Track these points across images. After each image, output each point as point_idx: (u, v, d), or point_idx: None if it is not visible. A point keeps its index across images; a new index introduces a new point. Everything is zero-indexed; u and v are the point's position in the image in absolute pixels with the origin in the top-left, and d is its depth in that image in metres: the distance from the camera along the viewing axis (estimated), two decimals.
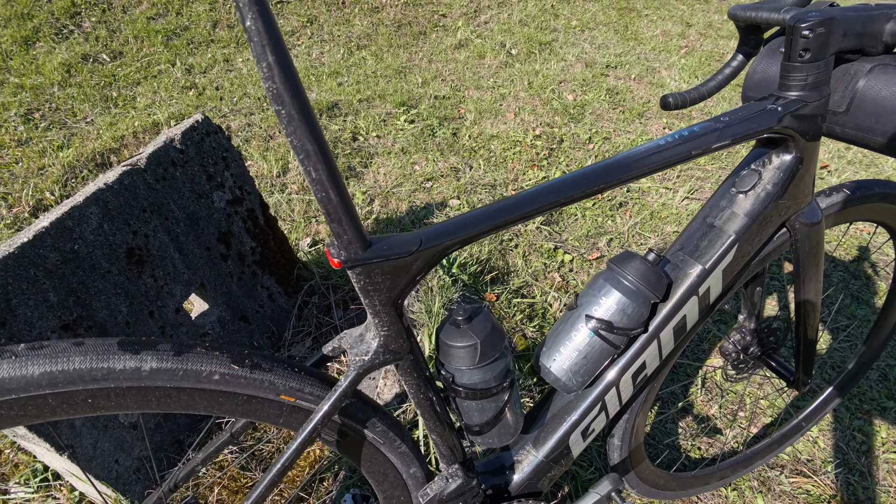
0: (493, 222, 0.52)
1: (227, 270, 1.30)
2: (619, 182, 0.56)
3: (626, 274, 0.64)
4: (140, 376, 0.46)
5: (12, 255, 0.87)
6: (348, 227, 0.46)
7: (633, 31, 4.63)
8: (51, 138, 2.38)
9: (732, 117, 0.61)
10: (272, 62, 0.37)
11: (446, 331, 0.59)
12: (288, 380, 0.51)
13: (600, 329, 0.63)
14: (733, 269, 0.70)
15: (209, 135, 1.29)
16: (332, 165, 0.43)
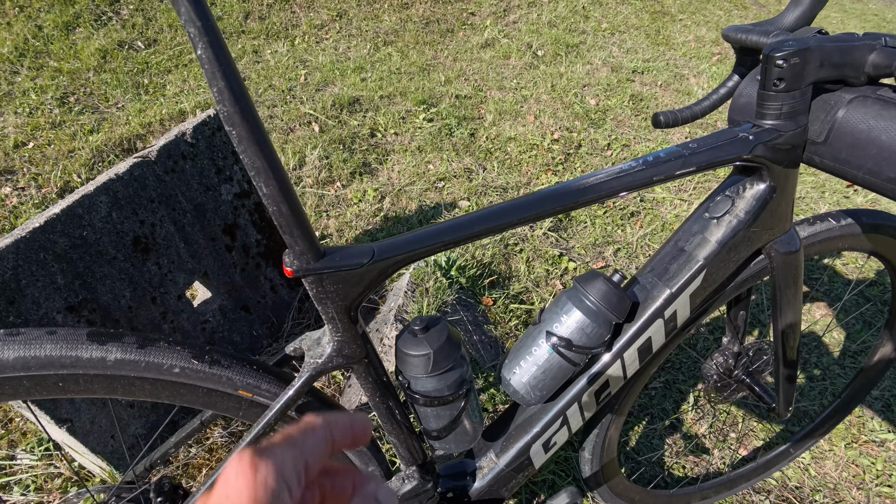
0: (446, 239, 0.54)
1: (230, 261, 1.35)
2: (576, 206, 0.57)
3: (589, 294, 0.65)
4: (105, 365, 0.49)
5: (24, 239, 0.93)
6: (300, 239, 0.48)
7: (664, 36, 4.55)
8: (83, 122, 2.48)
9: (701, 144, 0.62)
10: (223, 87, 0.40)
11: (403, 339, 0.61)
12: (246, 376, 0.55)
13: (560, 346, 0.65)
14: (702, 293, 0.70)
15: (220, 129, 1.33)
16: (283, 180, 0.46)
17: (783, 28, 0.75)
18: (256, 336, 1.40)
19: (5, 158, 2.14)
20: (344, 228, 1.96)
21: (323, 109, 2.77)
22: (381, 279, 0.53)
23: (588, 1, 4.86)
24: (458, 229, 0.54)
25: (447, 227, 0.55)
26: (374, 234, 1.93)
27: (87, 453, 1.03)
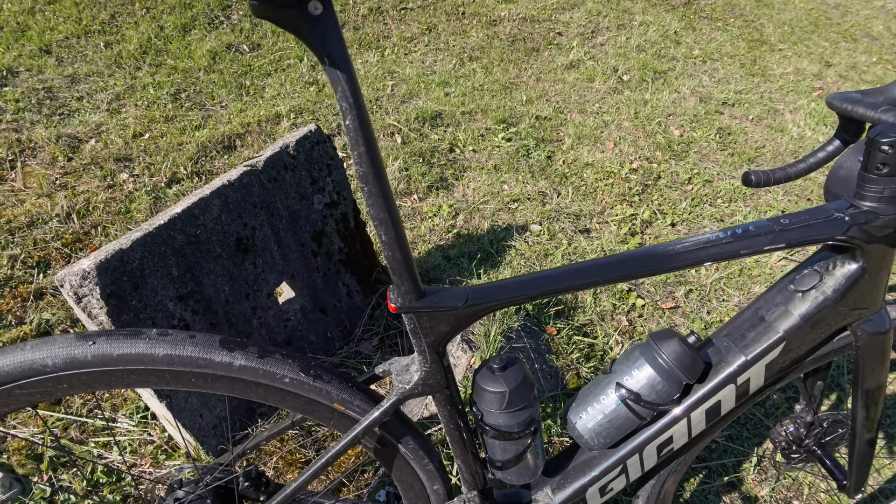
0: (532, 291, 0.58)
1: (315, 265, 1.45)
2: (660, 272, 0.60)
3: (662, 352, 0.67)
4: (231, 369, 0.58)
5: (150, 234, 1.06)
6: (406, 280, 0.55)
7: (760, 67, 4.36)
8: (191, 118, 2.73)
9: (793, 220, 0.63)
10: (363, 152, 0.47)
11: (482, 374, 0.66)
12: (342, 391, 0.61)
13: (628, 399, 0.67)
14: (778, 364, 0.70)
15: (319, 143, 1.44)
16: (399, 231, 0.52)
17: (885, 99, 0.74)
18: (330, 337, 1.50)
19: (125, 147, 2.40)
20: (417, 241, 2.04)
21: (406, 122, 2.89)
22: (471, 321, 0.59)
23: (681, 26, 4.74)
24: (544, 283, 0.59)
25: (535, 279, 0.59)
26: (445, 249, 2.00)
27: (179, 428, 1.15)
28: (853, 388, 0.79)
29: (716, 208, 2.55)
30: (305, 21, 0.43)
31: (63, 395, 0.58)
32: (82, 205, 1.97)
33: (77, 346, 0.55)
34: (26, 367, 0.55)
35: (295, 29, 0.44)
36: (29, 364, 0.55)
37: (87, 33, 3.30)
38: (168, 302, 1.10)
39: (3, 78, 2.77)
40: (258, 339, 1.30)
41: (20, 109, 2.53)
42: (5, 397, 0.57)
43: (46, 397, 0.58)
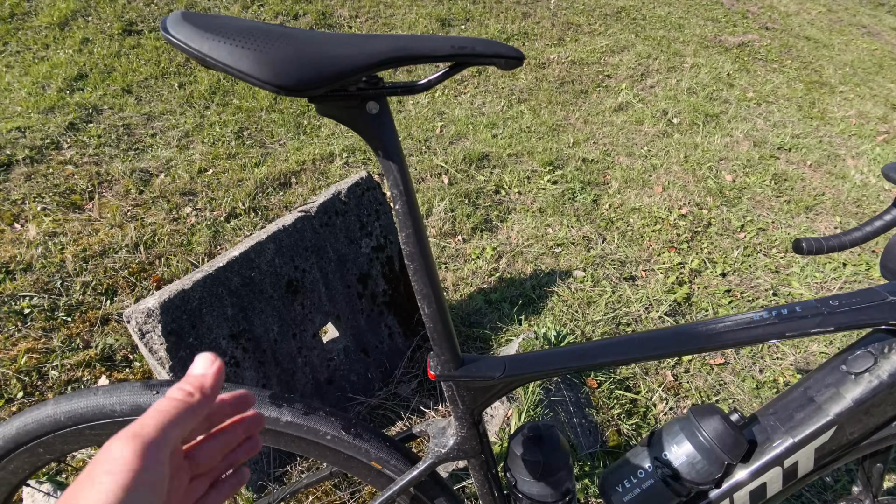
0: (570, 364, 0.59)
1: (359, 307, 1.50)
2: (699, 351, 0.60)
3: (703, 429, 0.66)
4: (279, 424, 0.61)
5: (210, 276, 1.14)
6: (446, 350, 0.57)
7: (819, 110, 4.23)
8: (251, 155, 2.89)
9: (843, 302, 0.61)
10: (410, 233, 0.50)
11: (517, 441, 0.67)
12: (380, 451, 0.64)
13: (667, 475, 0.66)
14: (829, 449, 0.67)
15: (369, 190, 1.51)
16: (441, 304, 0.54)
17: None
18: (370, 378, 1.53)
19: (190, 181, 2.56)
20: (459, 283, 2.06)
21: (454, 163, 2.96)
22: (507, 390, 0.60)
23: (734, 68, 4.68)
24: (581, 356, 0.59)
25: (573, 352, 0.60)
26: (487, 293, 2.02)
27: None
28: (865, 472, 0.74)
29: (770, 259, 2.46)
30: (364, 119, 0.47)
31: None
32: (149, 236, 2.11)
33: (143, 394, 0.60)
34: (97, 410, 0.60)
35: (354, 126, 0.48)
36: (100, 408, 0.60)
37: (163, 75, 3.58)
38: (221, 340, 1.16)
39: (89, 115, 3.04)
40: (301, 377, 1.34)
41: (101, 144, 2.77)
42: (76, 436, 0.62)
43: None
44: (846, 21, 5.92)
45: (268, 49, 0.41)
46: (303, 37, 0.43)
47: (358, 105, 0.47)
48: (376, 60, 0.44)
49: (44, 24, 3.69)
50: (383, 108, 0.48)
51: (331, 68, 0.42)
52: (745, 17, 5.56)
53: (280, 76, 0.41)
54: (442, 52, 0.46)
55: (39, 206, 2.20)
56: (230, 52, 0.40)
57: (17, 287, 1.73)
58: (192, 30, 0.40)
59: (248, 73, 0.41)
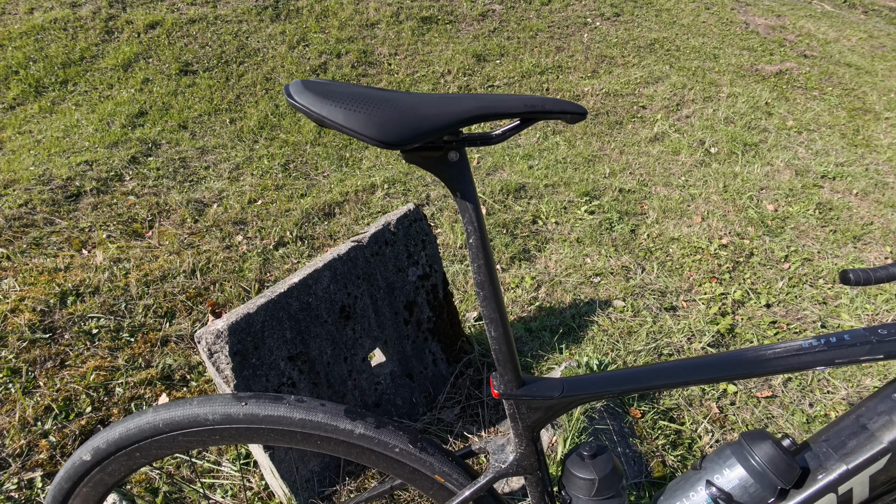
0: (625, 387, 0.63)
1: (405, 333, 1.55)
2: (750, 376, 0.62)
3: (755, 453, 0.68)
4: (352, 436, 0.66)
5: (272, 301, 1.21)
6: (510, 370, 0.61)
7: (864, 137, 4.15)
8: (297, 186, 3.03)
9: (892, 331, 0.63)
10: (482, 264, 0.56)
11: (572, 460, 0.70)
12: (443, 464, 0.68)
13: (720, 498, 0.68)
14: (885, 476, 0.68)
15: (416, 221, 1.58)
16: (507, 329, 0.59)
17: None
18: (415, 403, 1.57)
19: (241, 211, 2.70)
20: None
21: (491, 193, 3.03)
22: (565, 409, 0.64)
23: (772, 96, 4.65)
24: (635, 379, 0.63)
25: (627, 375, 0.63)
26: (527, 321, 2.04)
27: (277, 478, 1.25)
28: None
29: (817, 290, 2.41)
30: (445, 166, 0.54)
31: (215, 444, 0.69)
32: (204, 263, 2.24)
33: (233, 405, 0.66)
34: (192, 418, 0.66)
35: (436, 172, 0.56)
36: (194, 417, 0.66)
37: (216, 111, 3.81)
38: (280, 361, 1.23)
39: (148, 149, 3.26)
40: (351, 399, 1.39)
41: (160, 176, 2.96)
42: (170, 442, 0.68)
43: (201, 445, 0.69)
44: (889, 47, 5.83)
45: (375, 112, 0.49)
46: (402, 100, 0.51)
47: (441, 155, 0.54)
48: (462, 118, 0.51)
49: (109, 66, 4.00)
50: (462, 156, 0.55)
51: (426, 127, 0.50)
52: (781, 46, 5.54)
53: (386, 135, 0.49)
54: (516, 109, 0.53)
55: (105, 234, 2.37)
56: (345, 116, 0.48)
57: (86, 309, 1.86)
58: (312, 97, 0.49)
59: (360, 132, 0.48)
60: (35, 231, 2.31)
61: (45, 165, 2.84)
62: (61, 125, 3.40)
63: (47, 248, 2.22)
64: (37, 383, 1.59)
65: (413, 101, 0.51)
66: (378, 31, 5.05)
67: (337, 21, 4.99)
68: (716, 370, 0.62)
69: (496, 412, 1.59)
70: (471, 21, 5.46)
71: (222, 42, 4.50)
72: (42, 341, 1.72)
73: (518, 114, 0.53)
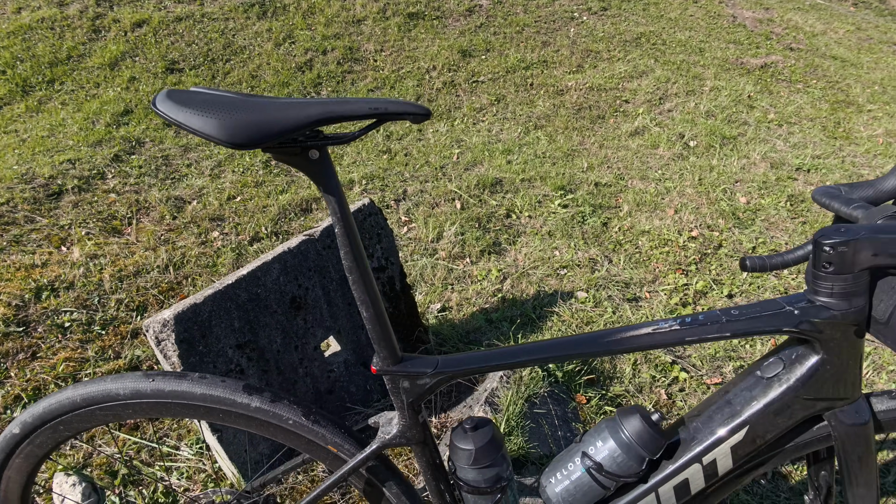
0: (496, 362, 0.68)
1: (360, 323, 1.61)
2: (608, 353, 0.68)
3: (624, 427, 0.73)
4: (249, 409, 0.72)
5: (219, 292, 1.27)
6: (384, 348, 0.67)
7: (845, 129, 4.17)
8: (277, 183, 3.09)
9: (743, 312, 0.68)
10: (348, 251, 0.62)
11: (455, 432, 0.76)
12: (335, 436, 0.74)
13: (591, 468, 0.73)
14: (745, 448, 0.73)
15: (371, 215, 1.64)
16: (378, 309, 0.65)
17: (877, 194, 0.78)
18: (369, 390, 1.63)
19: (220, 208, 2.76)
20: (463, 304, 2.16)
21: (467, 188, 3.08)
22: (441, 384, 0.69)
23: (756, 89, 4.67)
24: (508, 356, 0.68)
25: (500, 353, 0.69)
26: (489, 312, 2.10)
27: (226, 459, 1.31)
28: (841, 479, 0.78)
29: (780, 280, 2.46)
30: (307, 163, 0.60)
31: (128, 418, 0.75)
32: (179, 258, 2.30)
33: (142, 381, 0.72)
34: (105, 394, 0.72)
35: (301, 169, 0.62)
36: (107, 392, 0.72)
37: None
38: (228, 349, 1.29)
39: (132, 147, 3.32)
40: (303, 386, 1.45)
41: (142, 174, 3.02)
42: (89, 416, 0.74)
43: (116, 419, 0.75)
44: (876, 39, 5.83)
45: (227, 117, 0.55)
46: (254, 105, 0.56)
47: (301, 153, 0.60)
48: (308, 122, 0.56)
49: (96, 65, 4.06)
50: (323, 154, 0.61)
51: (273, 130, 0.55)
52: (768, 39, 5.55)
53: (234, 137, 0.55)
54: (361, 112, 0.58)
55: (84, 231, 2.43)
56: (200, 121, 0.54)
57: (59, 303, 1.93)
58: (172, 104, 0.55)
59: (211, 135, 0.54)
60: (16, 229, 2.37)
61: (29, 164, 2.91)
62: (47, 124, 3.46)
63: (27, 246, 2.28)
64: (8, 374, 1.66)
65: (264, 106, 0.57)
66: (364, 27, 5.08)
67: (323, 18, 5.03)
68: (575, 348, 0.68)
69: (448, 398, 1.65)
70: (458, 16, 5.48)
71: (209, 40, 4.55)
72: (15, 334, 1.78)
73: (363, 116, 0.59)
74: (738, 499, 1.48)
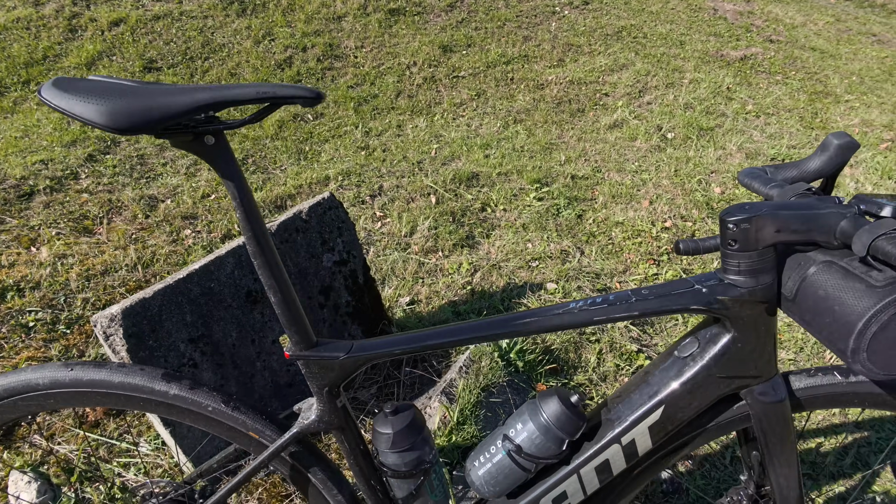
0: (407, 346, 0.69)
1: (321, 317, 1.61)
2: (517, 335, 0.68)
3: (543, 410, 0.74)
4: (167, 397, 0.72)
5: (170, 286, 1.27)
6: (296, 333, 0.67)
7: (822, 120, 4.20)
8: (252, 180, 3.08)
9: (653, 291, 0.69)
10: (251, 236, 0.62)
11: (377, 417, 0.76)
12: (256, 422, 0.74)
13: (512, 451, 0.74)
14: (663, 428, 0.74)
15: (331, 209, 1.64)
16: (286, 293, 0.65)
17: (801, 174, 0.79)
18: None
19: (193, 206, 2.75)
20: (433, 297, 2.16)
21: (443, 183, 3.08)
22: (356, 368, 0.70)
23: (735, 81, 4.69)
24: (417, 340, 0.69)
25: (410, 337, 0.69)
26: (457, 305, 2.10)
27: (180, 453, 1.31)
28: (761, 456, 0.79)
29: None
30: (204, 149, 0.60)
31: (51, 408, 0.75)
32: (149, 257, 2.29)
33: (61, 371, 0.72)
34: (25, 384, 0.73)
35: (198, 154, 0.62)
36: (27, 382, 0.72)
37: None
38: (180, 343, 1.29)
39: (107, 147, 3.30)
40: (260, 379, 1.45)
41: (116, 174, 3.00)
42: (13, 407, 0.75)
43: (40, 409, 0.75)
44: (855, 30, 5.86)
45: (110, 103, 0.55)
46: (141, 91, 0.56)
47: (196, 139, 0.60)
48: (194, 107, 0.56)
49: (73, 65, 4.02)
50: (220, 140, 0.61)
51: (155, 115, 0.55)
52: (748, 31, 5.57)
53: (117, 122, 0.55)
54: (249, 97, 0.58)
55: (54, 231, 2.42)
56: (82, 108, 0.54)
57: (24, 303, 1.92)
58: (56, 92, 0.55)
59: (92, 120, 0.54)
60: None
61: (0, 166, 2.88)
62: (21, 125, 3.43)
63: None
64: None
65: (151, 92, 0.57)
66: (345, 23, 5.06)
67: (303, 15, 5.00)
68: (488, 329, 0.68)
69: (412, 390, 1.66)
70: (439, 12, 5.47)
71: (187, 38, 4.53)
72: None
73: (252, 100, 0.59)
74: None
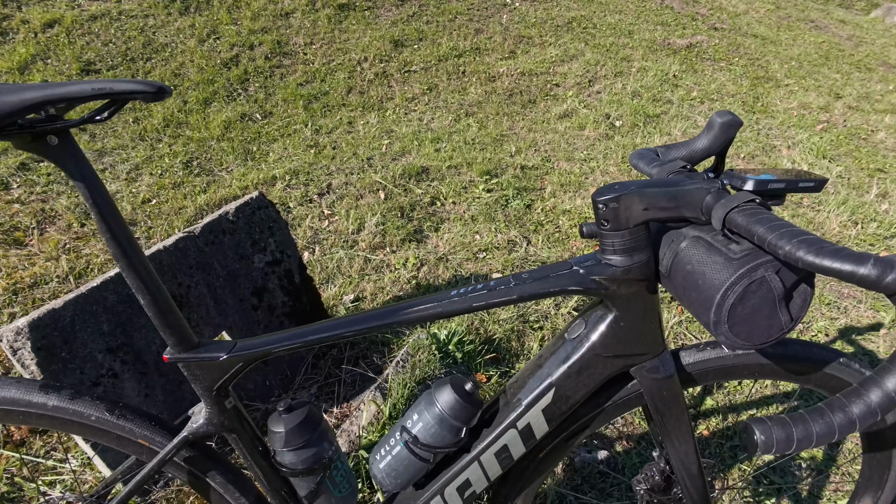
0: (291, 342, 0.68)
1: (255, 318, 1.59)
2: (399, 325, 0.68)
3: (438, 400, 0.74)
4: (47, 409, 0.70)
5: (83, 294, 1.23)
6: (172, 335, 0.66)
7: (763, 104, 4.33)
8: (196, 183, 3.01)
9: (532, 275, 0.70)
10: (110, 237, 0.60)
11: (271, 416, 0.75)
12: (144, 429, 0.72)
13: (409, 442, 0.74)
14: (556, 410, 0.75)
15: (260, 209, 1.60)
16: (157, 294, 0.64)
17: (691, 153, 0.80)
18: (269, 385, 1.61)
19: (132, 212, 2.67)
20: (378, 293, 2.15)
21: (392, 178, 3.06)
22: (241, 369, 0.69)
23: (681, 69, 4.80)
24: (302, 335, 0.68)
25: (295, 333, 0.69)
26: (402, 300, 2.10)
27: (105, 467, 1.27)
28: (658, 431, 0.81)
29: None
30: (48, 150, 0.58)
31: None
32: (82, 266, 2.21)
33: None
34: None
35: (44, 155, 0.59)
36: None
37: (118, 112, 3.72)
38: (98, 354, 1.25)
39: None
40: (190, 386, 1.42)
41: (50, 182, 2.88)
42: None
43: None
44: (794, 17, 6.06)
45: None
46: None
47: (36, 139, 0.57)
48: (22, 107, 0.54)
49: (4, 70, 3.84)
50: (64, 139, 0.59)
51: None
52: (694, 20, 5.70)
53: None
54: (84, 94, 0.56)
55: None
56: None
57: None
58: None
59: None
60: None
61: None
62: None
63: None
64: None
65: None
66: (293, 20, 4.97)
67: (250, 12, 4.89)
68: (375, 322, 0.68)
69: (353, 388, 1.65)
70: (389, 6, 5.43)
71: (127, 38, 4.37)
72: None
73: (88, 98, 0.56)
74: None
